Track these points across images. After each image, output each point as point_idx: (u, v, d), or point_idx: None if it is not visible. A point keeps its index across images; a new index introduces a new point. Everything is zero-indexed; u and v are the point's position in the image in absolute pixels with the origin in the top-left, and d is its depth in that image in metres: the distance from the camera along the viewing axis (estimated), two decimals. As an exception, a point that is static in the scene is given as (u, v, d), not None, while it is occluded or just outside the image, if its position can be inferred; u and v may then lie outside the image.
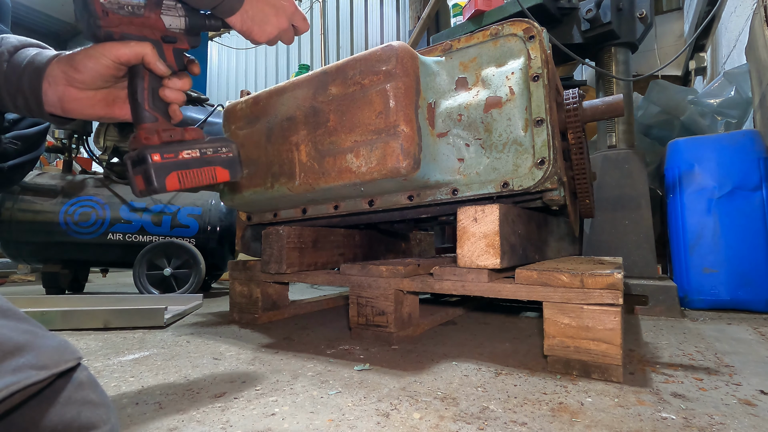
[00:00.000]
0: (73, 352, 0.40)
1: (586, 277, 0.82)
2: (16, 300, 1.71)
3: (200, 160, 0.65)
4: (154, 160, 0.60)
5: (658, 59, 3.38)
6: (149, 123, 0.63)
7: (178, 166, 0.62)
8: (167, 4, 0.63)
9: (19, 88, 0.59)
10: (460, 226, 0.99)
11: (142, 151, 0.60)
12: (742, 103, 1.96)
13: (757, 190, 1.56)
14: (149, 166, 0.59)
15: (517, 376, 0.86)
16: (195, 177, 0.64)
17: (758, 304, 1.52)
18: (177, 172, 0.62)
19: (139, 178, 0.61)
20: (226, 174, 0.68)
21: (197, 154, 0.64)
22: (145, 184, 0.61)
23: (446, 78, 1.07)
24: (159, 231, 2.19)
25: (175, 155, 0.62)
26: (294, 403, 0.71)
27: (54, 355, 0.37)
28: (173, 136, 0.64)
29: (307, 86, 1.11)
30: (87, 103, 0.62)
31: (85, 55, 0.59)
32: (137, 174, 0.61)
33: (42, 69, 0.59)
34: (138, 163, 0.61)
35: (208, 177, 0.66)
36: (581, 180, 1.24)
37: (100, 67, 0.59)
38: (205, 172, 0.66)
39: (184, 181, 0.63)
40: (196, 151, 0.64)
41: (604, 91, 1.86)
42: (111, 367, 0.95)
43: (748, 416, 0.66)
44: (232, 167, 0.69)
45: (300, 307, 1.61)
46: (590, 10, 1.72)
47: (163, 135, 0.63)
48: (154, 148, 0.61)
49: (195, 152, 0.64)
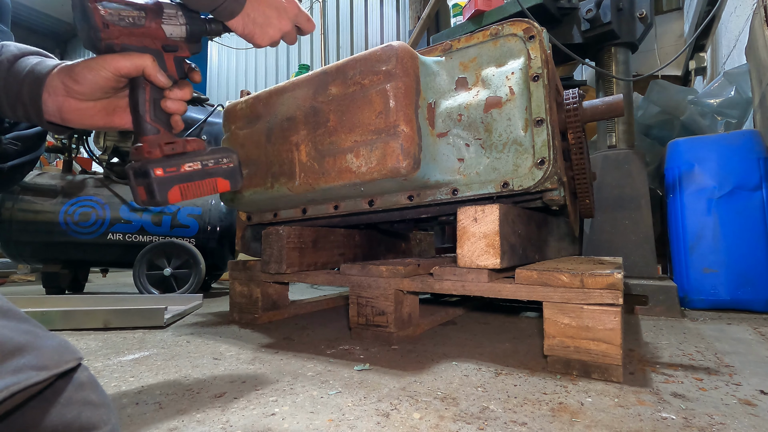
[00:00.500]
0: (73, 353, 0.40)
1: (586, 277, 0.82)
2: (16, 300, 1.71)
3: (202, 172, 0.66)
4: (156, 175, 0.61)
5: (658, 59, 3.38)
6: (152, 135, 0.63)
7: (180, 180, 0.63)
8: (168, 13, 0.62)
9: (18, 98, 0.59)
10: (460, 226, 0.99)
11: (144, 164, 0.61)
12: (742, 103, 1.96)
13: (757, 190, 1.56)
14: (152, 181, 0.60)
15: (517, 376, 0.86)
16: (196, 189, 0.66)
17: (758, 304, 1.52)
18: (179, 185, 0.63)
19: (142, 190, 0.62)
20: (227, 184, 0.69)
21: (199, 167, 0.65)
22: (147, 197, 0.62)
23: (446, 78, 1.07)
24: (159, 231, 2.19)
25: (177, 169, 0.63)
26: (294, 403, 0.71)
27: (54, 355, 0.37)
28: (175, 148, 0.64)
29: (307, 86, 1.11)
30: (86, 113, 0.62)
31: (85, 66, 0.59)
32: (140, 185, 0.62)
33: (42, 79, 0.59)
34: (140, 176, 0.62)
35: (210, 188, 0.67)
36: (581, 180, 1.24)
37: (99, 80, 0.59)
38: (207, 183, 0.67)
39: (186, 193, 0.64)
40: (197, 164, 0.65)
41: (604, 91, 1.86)
42: (111, 367, 0.95)
43: (748, 416, 0.66)
44: (233, 177, 0.70)
45: (300, 307, 1.61)
46: (590, 10, 1.72)
47: (165, 148, 0.63)
48: (157, 162, 0.61)
49: (197, 164, 0.65)
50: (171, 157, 0.63)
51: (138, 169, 0.62)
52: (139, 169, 0.61)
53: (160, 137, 0.63)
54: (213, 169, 0.67)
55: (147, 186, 0.61)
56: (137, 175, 0.62)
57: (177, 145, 0.64)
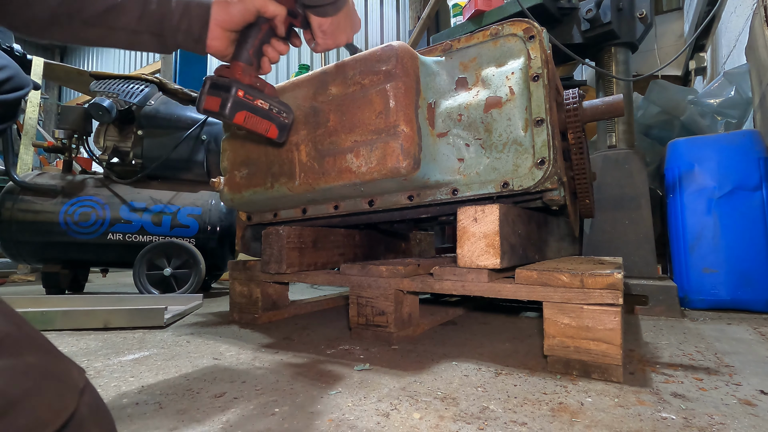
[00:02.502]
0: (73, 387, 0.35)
1: (586, 277, 0.82)
2: (17, 300, 1.71)
3: (266, 112, 0.77)
4: (238, 95, 0.72)
5: (658, 59, 3.38)
6: (246, 65, 0.73)
7: (250, 109, 0.74)
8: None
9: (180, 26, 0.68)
10: (460, 226, 0.99)
11: (231, 82, 0.72)
12: (742, 103, 1.96)
13: (757, 190, 1.56)
14: (231, 97, 0.71)
15: (517, 376, 0.86)
16: (256, 123, 0.76)
17: (758, 304, 1.52)
18: (247, 112, 0.74)
19: (215, 101, 0.72)
20: (276, 133, 0.80)
21: (267, 107, 0.77)
22: (219, 107, 0.71)
23: (446, 78, 1.07)
24: (159, 231, 2.19)
25: (253, 99, 0.74)
26: (294, 403, 0.71)
27: (55, 402, 0.32)
28: (259, 84, 0.76)
29: (307, 86, 1.11)
30: (224, 41, 0.72)
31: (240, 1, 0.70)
32: (214, 96, 0.72)
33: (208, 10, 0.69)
34: (221, 89, 0.72)
35: (264, 128, 0.78)
36: (581, 180, 1.24)
37: (246, 14, 0.70)
38: (264, 123, 0.78)
39: (248, 121, 0.75)
40: (267, 104, 0.77)
41: (604, 91, 1.86)
42: (111, 367, 0.95)
43: (748, 416, 0.66)
44: (282, 130, 0.81)
45: (300, 307, 1.61)
46: (590, 10, 1.72)
47: (254, 79, 0.75)
48: (243, 85, 0.72)
49: (266, 104, 0.77)
50: (254, 88, 0.75)
51: (222, 84, 0.72)
52: (224, 84, 0.72)
53: (252, 69, 0.74)
54: (274, 115, 0.78)
55: (224, 99, 0.71)
56: (218, 87, 0.72)
57: (262, 83, 0.76)
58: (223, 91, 0.72)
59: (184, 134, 2.25)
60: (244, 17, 0.71)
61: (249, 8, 0.70)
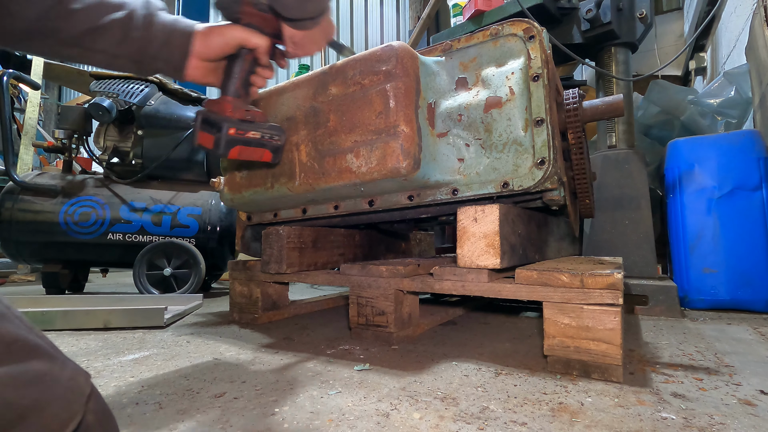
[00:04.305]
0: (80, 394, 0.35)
1: (586, 277, 0.82)
2: (17, 300, 1.71)
3: (258, 141, 0.79)
4: (229, 133, 0.73)
5: (658, 59, 3.38)
6: (235, 98, 0.74)
7: (242, 142, 0.76)
8: None
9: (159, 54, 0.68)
10: (460, 226, 0.99)
11: (222, 120, 0.73)
12: (742, 103, 1.96)
13: (757, 190, 1.56)
14: (223, 136, 0.73)
15: (517, 376, 0.86)
16: (250, 153, 0.79)
17: (758, 304, 1.52)
18: (240, 146, 0.76)
19: (208, 138, 0.74)
20: (270, 156, 0.83)
21: (258, 136, 0.79)
22: (213, 146, 0.73)
23: (446, 78, 1.07)
24: (159, 231, 2.19)
25: (244, 133, 0.76)
26: (294, 403, 0.71)
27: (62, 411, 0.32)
28: (248, 116, 0.76)
29: (307, 86, 1.11)
30: (202, 71, 0.73)
31: (218, 33, 0.70)
32: (208, 133, 0.74)
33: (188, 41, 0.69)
34: (213, 126, 0.73)
35: (258, 156, 0.81)
36: (581, 180, 1.24)
37: (224, 46, 0.71)
38: (258, 151, 0.80)
39: (242, 154, 0.77)
40: (258, 133, 0.79)
41: (604, 91, 1.86)
42: (111, 367, 0.95)
43: (748, 416, 0.66)
44: (276, 153, 0.84)
45: (300, 307, 1.61)
46: (590, 10, 1.72)
47: (243, 113, 0.75)
48: (233, 122, 0.74)
49: (258, 134, 0.79)
50: (244, 121, 0.76)
51: (214, 121, 0.73)
52: (216, 122, 0.73)
53: (240, 101, 0.75)
54: (266, 141, 0.81)
55: (217, 138, 0.73)
56: (211, 125, 0.73)
57: (251, 113, 0.77)
58: (215, 130, 0.73)
59: (184, 134, 2.25)
60: (224, 50, 0.72)
61: (229, 42, 0.71)
